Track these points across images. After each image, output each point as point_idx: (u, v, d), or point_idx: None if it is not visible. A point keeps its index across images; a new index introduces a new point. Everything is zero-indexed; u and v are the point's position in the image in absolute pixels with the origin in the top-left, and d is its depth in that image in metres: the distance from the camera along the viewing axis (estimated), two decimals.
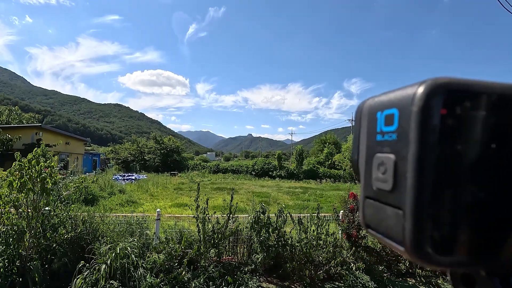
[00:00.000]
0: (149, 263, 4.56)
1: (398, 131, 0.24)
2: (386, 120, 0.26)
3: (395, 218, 0.23)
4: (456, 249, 0.22)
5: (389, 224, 0.24)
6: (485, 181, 0.22)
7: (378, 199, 0.26)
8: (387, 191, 0.25)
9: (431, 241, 0.22)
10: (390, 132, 0.25)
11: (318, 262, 5.17)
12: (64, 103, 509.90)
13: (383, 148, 0.26)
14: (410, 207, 0.22)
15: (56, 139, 22.03)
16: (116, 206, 12.06)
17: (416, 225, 0.22)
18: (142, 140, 47.31)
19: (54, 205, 4.88)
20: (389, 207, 0.24)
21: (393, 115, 0.25)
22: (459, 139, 0.22)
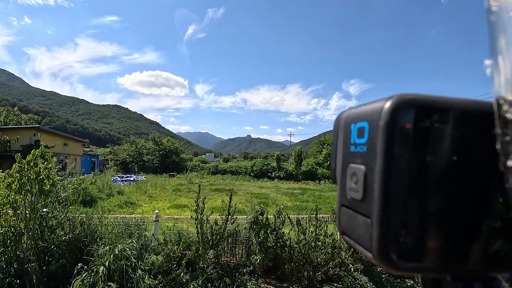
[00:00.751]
0: (147, 265, 4.55)
1: (368, 144, 0.25)
2: (358, 132, 0.27)
3: (365, 226, 0.24)
4: (420, 256, 0.23)
5: (360, 232, 0.25)
6: (448, 191, 0.23)
7: (351, 207, 0.27)
8: (358, 200, 0.26)
9: (395, 249, 0.23)
10: (362, 144, 0.26)
11: (317, 263, 5.18)
12: (62, 104, 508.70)
13: (355, 159, 0.27)
14: (376, 216, 0.23)
15: (54, 140, 21.97)
16: (115, 208, 12.03)
17: (381, 234, 0.23)
18: (140, 141, 47.26)
19: (52, 207, 4.87)
20: (360, 216, 0.26)
21: (364, 128, 0.26)
22: (423, 152, 0.23)
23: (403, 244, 0.23)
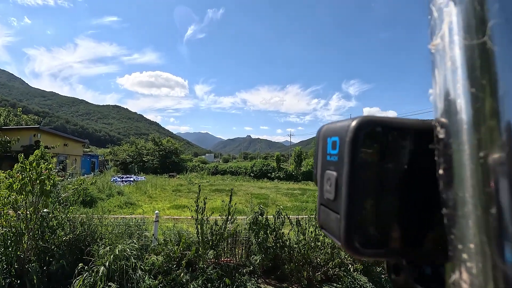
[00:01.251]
0: (147, 265, 4.56)
1: (339, 154, 0.31)
2: (332, 144, 0.33)
3: (336, 221, 0.31)
4: (377, 244, 0.29)
5: (332, 225, 0.32)
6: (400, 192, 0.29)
7: (327, 206, 0.33)
8: (331, 200, 0.32)
9: (358, 238, 0.29)
10: (334, 154, 0.32)
11: (316, 263, 5.20)
12: (62, 104, 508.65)
13: (330, 166, 0.33)
14: (343, 213, 0.29)
15: (54, 140, 21.99)
16: (115, 208, 12.04)
17: (347, 226, 0.29)
18: (140, 142, 47.27)
19: (53, 207, 4.89)
20: (332, 212, 0.32)
21: (336, 141, 0.32)
22: (380, 162, 0.29)
23: (364, 234, 0.29)
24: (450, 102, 0.26)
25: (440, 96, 0.27)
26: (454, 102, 0.25)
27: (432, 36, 0.28)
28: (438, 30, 0.27)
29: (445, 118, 0.26)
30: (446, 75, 0.26)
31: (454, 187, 0.25)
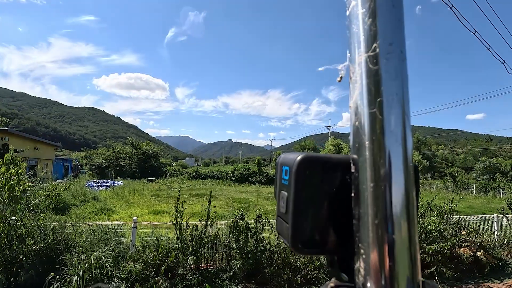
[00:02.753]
0: (124, 273, 4.43)
1: (288, 180, 0.42)
2: (284, 172, 0.43)
3: (286, 229, 0.41)
4: (314, 245, 0.40)
5: (284, 232, 0.42)
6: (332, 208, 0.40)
7: (281, 217, 0.43)
8: (284, 213, 0.42)
9: (300, 241, 0.40)
10: (286, 179, 0.43)
11: (296, 266, 5.27)
12: (33, 105, 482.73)
13: (283, 188, 0.43)
14: (290, 222, 0.40)
15: (24, 144, 20.81)
16: (90, 214, 11.57)
17: (292, 232, 0.39)
18: (118, 145, 45.80)
19: (22, 215, 4.63)
20: (284, 222, 0.42)
21: (287, 170, 0.42)
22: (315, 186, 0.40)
23: (305, 238, 0.40)
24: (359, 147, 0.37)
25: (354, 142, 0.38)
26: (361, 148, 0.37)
27: (350, 98, 0.39)
28: (352, 97, 0.39)
29: (356, 156, 0.38)
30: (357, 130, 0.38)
31: (359, 205, 0.37)
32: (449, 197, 6.94)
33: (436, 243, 5.77)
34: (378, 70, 0.36)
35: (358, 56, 0.38)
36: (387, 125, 0.35)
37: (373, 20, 0.36)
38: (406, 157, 0.36)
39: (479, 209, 16.68)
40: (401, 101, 0.36)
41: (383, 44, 0.36)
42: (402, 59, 0.37)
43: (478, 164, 46.88)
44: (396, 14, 0.37)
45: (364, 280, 0.35)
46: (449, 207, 6.61)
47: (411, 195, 0.36)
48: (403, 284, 0.33)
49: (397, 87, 0.36)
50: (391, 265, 0.33)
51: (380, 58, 0.36)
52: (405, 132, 0.36)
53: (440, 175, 55.77)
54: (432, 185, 36.97)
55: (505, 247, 7.32)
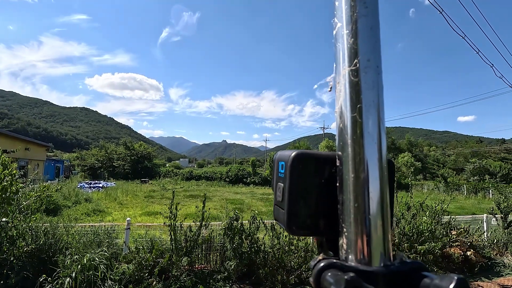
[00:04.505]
0: (117, 274, 4.39)
1: (284, 173, 0.49)
2: (281, 166, 0.51)
3: (282, 214, 0.49)
4: (306, 227, 0.47)
5: (280, 217, 0.50)
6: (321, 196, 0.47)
7: (278, 205, 0.51)
8: (280, 201, 0.50)
9: (294, 224, 0.47)
10: (282, 172, 0.50)
11: (290, 267, 5.29)
12: (23, 105, 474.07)
13: (280, 180, 0.51)
14: (285, 209, 0.47)
15: (14, 144, 20.43)
16: (82, 216, 11.42)
17: (288, 217, 0.47)
18: (111, 146, 45.25)
19: (13, 216, 4.55)
20: (280, 209, 0.50)
21: (283, 164, 0.50)
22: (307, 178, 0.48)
23: (298, 221, 0.47)
24: (343, 145, 0.45)
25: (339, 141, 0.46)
26: (344, 146, 0.44)
27: (336, 105, 0.47)
28: (337, 104, 0.46)
29: (340, 153, 0.45)
30: (341, 131, 0.45)
31: (342, 192, 0.44)
32: (441, 198, 7.05)
33: (428, 243, 5.86)
34: (358, 81, 0.44)
35: (343, 69, 0.45)
36: (365, 127, 0.43)
37: (354, 40, 0.44)
38: (380, 153, 0.43)
39: (469, 209, 16.98)
40: (376, 107, 0.44)
41: (362, 60, 0.44)
42: (378, 72, 0.45)
43: (469, 166, 47.73)
44: (373, 35, 0.45)
45: (346, 253, 0.43)
46: (441, 207, 6.72)
47: (384, 185, 0.44)
48: (377, 256, 0.41)
49: (374, 96, 0.44)
50: (368, 240, 0.41)
51: (360, 72, 0.44)
52: (380, 133, 0.44)
53: (431, 176, 56.56)
54: (424, 186, 37.48)
55: (494, 247, 7.47)
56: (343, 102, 0.45)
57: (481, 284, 5.72)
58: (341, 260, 0.43)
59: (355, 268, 0.40)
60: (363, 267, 0.40)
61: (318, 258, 0.44)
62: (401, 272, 0.40)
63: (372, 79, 0.44)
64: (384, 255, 0.41)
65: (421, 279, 0.38)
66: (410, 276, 0.40)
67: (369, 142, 0.43)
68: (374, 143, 0.43)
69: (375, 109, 0.44)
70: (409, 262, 0.42)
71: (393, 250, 0.44)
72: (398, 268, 0.41)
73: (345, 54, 0.45)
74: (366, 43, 0.44)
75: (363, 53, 0.44)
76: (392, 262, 0.42)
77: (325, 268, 0.41)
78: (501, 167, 44.04)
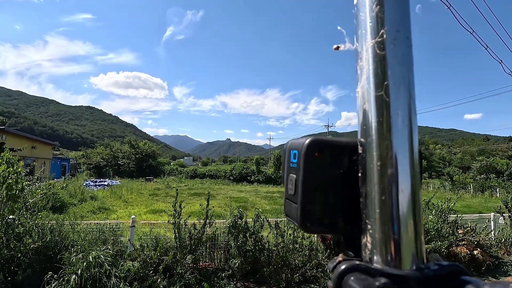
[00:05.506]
0: (122, 272, 4.42)
1: (297, 163, 0.43)
2: (293, 155, 0.45)
3: (294, 209, 0.43)
4: (321, 224, 0.41)
5: (293, 212, 0.44)
6: (338, 189, 0.41)
7: (289, 199, 0.45)
8: (292, 195, 0.44)
9: (308, 220, 0.41)
10: (295, 162, 0.44)
11: (294, 265, 5.28)
12: (30, 104, 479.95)
13: (292, 171, 0.45)
14: (299, 203, 0.41)
15: (21, 143, 20.70)
16: (88, 214, 11.54)
17: (301, 212, 0.41)
18: (116, 144, 45.60)
19: (19, 213, 4.61)
20: (293, 203, 0.44)
21: (296, 153, 0.44)
22: (323, 168, 0.41)
23: (313, 217, 0.41)
24: (366, 129, 0.39)
25: (361, 125, 0.40)
26: (368, 130, 0.38)
27: (358, 84, 0.41)
28: (359, 82, 0.40)
29: (363, 139, 0.39)
30: (365, 113, 0.39)
31: (366, 184, 0.38)
32: (447, 196, 6.97)
33: (434, 242, 5.80)
34: (385, 55, 0.38)
35: (365, 43, 0.39)
36: (394, 107, 0.37)
37: (380, 8, 0.38)
38: (411, 138, 0.37)
39: (476, 208, 16.78)
40: (407, 84, 0.38)
41: (390, 30, 0.38)
42: (408, 45, 0.38)
43: (475, 164, 47.15)
44: (402, 2, 0.39)
45: (370, 254, 0.37)
46: (447, 206, 6.65)
47: (416, 174, 0.37)
48: (408, 258, 0.35)
49: (403, 71, 0.38)
50: (396, 239, 0.35)
51: (387, 44, 0.37)
52: (411, 114, 0.38)
53: (437, 174, 56.05)
54: (430, 184, 37.14)
55: (502, 246, 7.37)
56: (367, 80, 0.39)
57: None
58: (365, 262, 0.37)
59: (384, 271, 0.34)
60: (392, 270, 0.34)
61: (338, 259, 0.39)
62: (438, 277, 0.34)
63: (402, 52, 0.38)
64: (417, 256, 0.36)
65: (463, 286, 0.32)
66: (448, 282, 0.34)
67: (398, 125, 0.37)
68: (405, 126, 0.37)
69: (406, 86, 0.37)
70: (446, 265, 0.35)
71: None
72: (434, 272, 0.34)
73: (369, 25, 0.39)
74: (395, 11, 0.38)
75: (391, 23, 0.37)
76: (426, 265, 0.36)
77: (348, 271, 0.36)
78: (508, 165, 43.45)
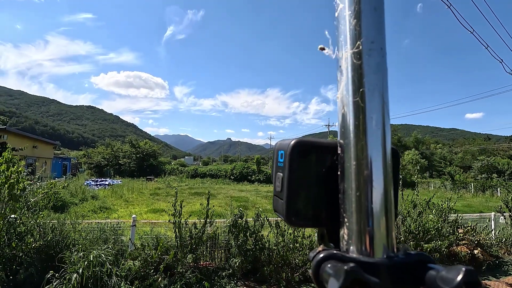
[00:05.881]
0: (123, 271, 4.44)
1: (283, 162, 0.47)
2: (280, 155, 0.49)
3: (281, 205, 0.47)
4: (305, 218, 0.45)
5: (279, 208, 0.47)
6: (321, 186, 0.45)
7: (277, 196, 0.49)
8: (279, 191, 0.48)
9: (293, 214, 0.45)
10: (281, 162, 0.48)
11: (295, 264, 5.29)
12: (31, 104, 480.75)
13: (279, 170, 0.48)
14: (285, 199, 0.45)
15: (22, 142, 20.76)
16: (89, 213, 11.57)
17: (287, 207, 0.45)
18: (116, 144, 45.66)
19: (21, 213, 4.63)
20: (280, 200, 0.47)
21: (283, 153, 0.48)
22: (306, 167, 0.45)
23: (298, 212, 0.45)
24: (344, 132, 0.43)
25: (340, 128, 0.44)
26: (346, 132, 0.42)
27: (338, 90, 0.44)
28: (339, 88, 0.44)
29: (342, 140, 0.43)
30: (343, 117, 0.43)
31: (344, 181, 0.42)
32: (447, 196, 6.97)
33: (434, 241, 5.80)
34: (361, 65, 0.41)
35: (344, 52, 0.43)
36: (369, 112, 0.41)
37: (357, 21, 0.42)
38: (384, 140, 0.41)
39: (477, 207, 16.77)
40: (381, 91, 0.41)
41: (365, 42, 0.41)
42: (382, 55, 0.42)
43: (476, 163, 47.07)
44: (377, 17, 0.42)
45: (347, 245, 0.41)
46: (447, 205, 6.65)
47: (388, 173, 0.41)
48: (380, 248, 0.39)
49: (378, 79, 0.41)
50: (370, 231, 0.39)
51: (363, 54, 0.41)
52: (384, 118, 0.41)
53: (438, 174, 55.95)
54: (431, 184, 37.11)
55: (502, 245, 7.37)
56: (345, 87, 0.43)
57: (489, 283, 5.65)
58: (342, 252, 0.41)
59: (356, 259, 0.38)
60: (364, 258, 0.38)
61: (318, 250, 0.42)
62: (406, 264, 0.38)
63: (376, 61, 0.41)
64: (388, 246, 0.40)
65: (427, 271, 0.37)
66: (415, 268, 0.38)
67: (372, 128, 0.41)
68: (378, 129, 0.41)
69: (379, 93, 0.41)
70: (413, 254, 0.40)
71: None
72: (402, 260, 0.39)
73: (348, 36, 0.43)
74: (370, 24, 0.42)
75: (367, 35, 0.41)
76: (395, 254, 0.40)
77: (325, 259, 0.39)
78: (509, 164, 43.36)
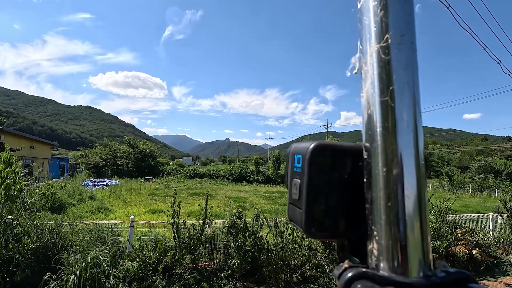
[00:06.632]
0: (121, 272, 4.41)
1: (301, 167, 0.43)
2: (297, 160, 0.45)
3: (299, 214, 0.42)
4: (326, 229, 0.41)
5: (297, 218, 0.43)
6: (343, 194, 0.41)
7: (293, 204, 0.45)
8: (297, 199, 0.43)
9: (313, 225, 0.41)
10: (299, 167, 0.44)
11: (294, 265, 5.28)
12: (28, 104, 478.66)
13: (296, 175, 0.44)
14: (303, 208, 0.41)
15: (19, 142, 20.63)
16: (86, 214, 11.50)
17: (306, 217, 0.41)
18: (114, 144, 45.46)
19: (18, 214, 4.59)
20: (297, 208, 0.43)
21: (300, 158, 0.44)
22: (327, 173, 0.41)
23: (318, 222, 0.41)
24: (371, 134, 0.39)
25: (366, 130, 0.40)
26: (373, 135, 0.39)
27: (362, 88, 0.41)
28: (364, 87, 0.41)
29: (368, 144, 0.40)
30: (369, 118, 0.39)
31: (371, 189, 0.38)
32: (445, 196, 6.99)
33: (432, 242, 5.81)
34: (389, 60, 0.38)
35: (370, 47, 0.40)
36: (399, 112, 0.37)
37: (385, 12, 0.38)
38: (417, 143, 0.37)
39: (475, 208, 16.82)
40: (412, 89, 0.38)
41: (394, 35, 0.38)
42: (413, 49, 0.39)
43: (474, 164, 47.28)
44: (407, 7, 0.39)
45: (377, 260, 0.37)
46: (445, 206, 6.66)
47: (422, 179, 0.37)
48: (415, 264, 0.35)
49: (408, 76, 0.38)
50: (403, 245, 0.35)
51: (392, 49, 0.38)
52: (416, 119, 0.38)
53: (436, 174, 56.17)
54: (429, 184, 37.22)
55: (500, 246, 7.39)
56: (371, 85, 0.39)
57: (487, 283, 5.66)
58: (371, 269, 0.37)
59: (391, 279, 0.34)
60: (399, 278, 0.34)
61: (344, 266, 0.39)
62: (445, 284, 0.34)
63: (407, 57, 0.38)
64: (424, 263, 0.36)
65: None
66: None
67: (404, 130, 0.37)
68: (410, 131, 0.37)
69: (411, 91, 0.38)
70: (453, 272, 0.35)
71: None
72: (441, 279, 0.34)
73: (373, 30, 0.39)
74: (399, 15, 0.38)
75: (396, 27, 0.38)
76: (433, 272, 0.36)
77: (355, 279, 0.35)
78: (507, 164, 43.58)
